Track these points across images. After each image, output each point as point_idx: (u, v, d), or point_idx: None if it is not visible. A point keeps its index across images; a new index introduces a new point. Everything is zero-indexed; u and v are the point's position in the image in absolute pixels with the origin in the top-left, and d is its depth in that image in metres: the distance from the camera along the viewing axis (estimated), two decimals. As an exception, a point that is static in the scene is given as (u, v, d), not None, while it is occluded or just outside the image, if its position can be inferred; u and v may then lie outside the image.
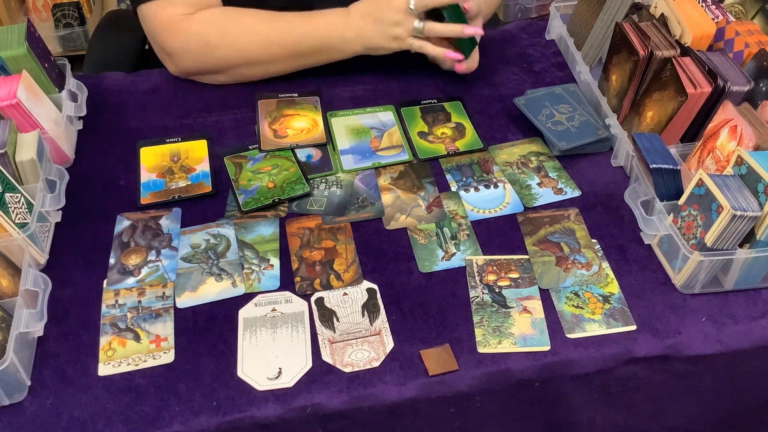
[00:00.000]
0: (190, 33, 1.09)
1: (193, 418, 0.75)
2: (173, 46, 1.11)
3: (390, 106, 1.14)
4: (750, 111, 0.90)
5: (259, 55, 1.11)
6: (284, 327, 0.83)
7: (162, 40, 1.11)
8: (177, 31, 1.10)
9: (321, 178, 1.02)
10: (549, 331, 0.83)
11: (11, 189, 0.86)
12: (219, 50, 1.10)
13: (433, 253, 0.92)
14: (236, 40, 1.10)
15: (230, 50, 1.11)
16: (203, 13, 1.10)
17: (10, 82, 0.95)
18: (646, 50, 0.98)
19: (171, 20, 1.09)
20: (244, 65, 1.13)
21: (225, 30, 1.09)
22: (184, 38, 1.10)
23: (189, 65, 1.14)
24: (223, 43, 1.10)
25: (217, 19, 1.10)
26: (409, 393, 0.78)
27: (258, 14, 1.11)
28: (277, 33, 1.10)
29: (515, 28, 1.32)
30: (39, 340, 0.82)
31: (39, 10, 2.47)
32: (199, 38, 1.09)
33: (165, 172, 1.02)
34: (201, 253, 0.91)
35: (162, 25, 1.10)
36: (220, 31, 1.09)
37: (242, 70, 1.14)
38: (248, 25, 1.10)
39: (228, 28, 1.10)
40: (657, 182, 0.90)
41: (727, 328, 0.84)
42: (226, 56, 1.11)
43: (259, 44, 1.10)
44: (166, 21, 1.09)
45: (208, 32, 1.09)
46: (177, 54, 1.12)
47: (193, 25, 1.09)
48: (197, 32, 1.09)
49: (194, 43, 1.10)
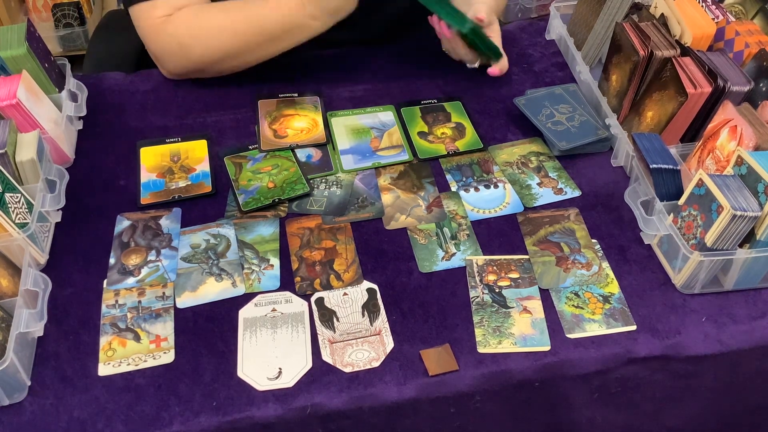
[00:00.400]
0: (166, 35, 1.09)
1: (193, 418, 0.75)
2: (155, 49, 1.12)
3: (390, 106, 1.14)
4: (750, 111, 0.90)
5: (232, 47, 1.10)
6: (284, 327, 0.83)
7: (147, 44, 1.12)
8: (156, 34, 1.10)
9: (321, 178, 1.02)
10: (549, 331, 0.83)
11: (11, 189, 0.86)
12: (193, 49, 1.10)
13: (433, 253, 0.92)
14: (206, 36, 1.09)
15: (203, 48, 1.10)
16: (176, 14, 1.09)
17: (10, 82, 0.95)
18: (646, 50, 0.98)
19: (152, 23, 1.09)
20: (221, 60, 1.12)
21: (195, 28, 1.09)
22: (161, 41, 1.10)
23: (172, 67, 1.14)
24: (196, 41, 1.09)
25: (187, 18, 1.09)
26: (409, 393, 0.78)
27: (224, 6, 1.10)
28: (243, 23, 1.08)
29: (515, 28, 1.32)
30: (39, 340, 0.82)
31: (39, 10, 2.47)
32: (173, 39, 1.09)
33: (165, 172, 1.02)
34: (201, 253, 0.91)
35: (146, 28, 1.10)
36: (191, 30, 1.09)
37: (222, 65, 1.13)
38: (215, 20, 1.09)
39: (198, 26, 1.09)
40: (657, 182, 0.90)
41: (727, 328, 0.84)
42: (201, 54, 1.11)
43: (229, 37, 1.09)
44: (149, 24, 1.10)
45: (180, 33, 1.09)
46: (159, 57, 1.13)
47: (168, 27, 1.09)
48: (171, 33, 1.09)
49: (169, 46, 1.10)
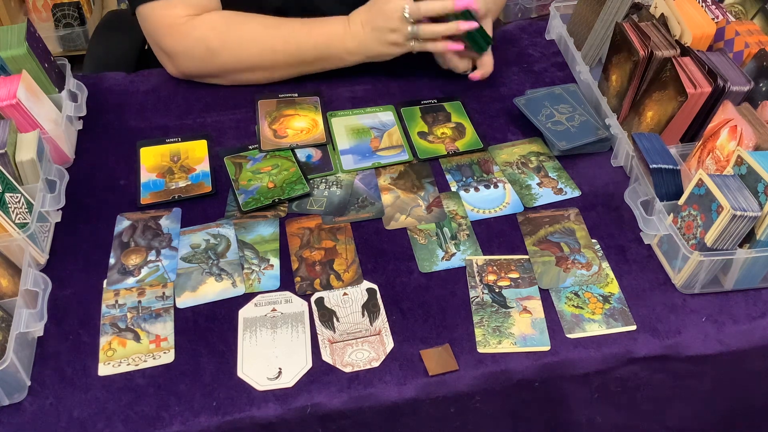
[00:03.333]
0: (192, 36, 1.09)
1: (193, 418, 0.75)
2: (175, 48, 1.11)
3: (390, 106, 1.14)
4: (750, 111, 0.90)
5: (261, 62, 1.11)
6: (284, 327, 0.83)
7: (163, 42, 1.11)
8: (179, 33, 1.09)
9: (321, 178, 1.02)
10: (549, 331, 0.83)
11: (11, 189, 0.86)
12: (220, 56, 1.10)
13: (433, 253, 0.92)
14: (238, 46, 1.09)
15: (231, 56, 1.10)
16: (206, 17, 1.09)
17: (10, 82, 0.95)
18: (646, 50, 0.98)
19: (173, 22, 1.08)
20: (245, 71, 1.13)
21: (227, 36, 1.09)
22: (186, 41, 1.09)
23: (189, 68, 1.14)
24: (225, 48, 1.09)
25: (220, 24, 1.09)
26: (409, 393, 0.78)
27: (261, 20, 1.10)
28: (280, 41, 1.09)
29: (515, 28, 1.32)
30: (39, 340, 0.82)
31: (39, 10, 2.47)
32: (201, 42, 1.09)
33: (165, 172, 1.02)
34: (201, 253, 0.91)
35: (163, 26, 1.09)
36: (222, 37, 1.09)
37: (242, 75, 1.14)
38: (251, 32, 1.09)
39: (230, 33, 1.09)
40: (657, 182, 0.90)
41: (727, 328, 0.84)
42: (226, 62, 1.11)
43: (260, 52, 1.10)
44: (168, 22, 1.09)
45: (210, 37, 1.09)
46: (178, 56, 1.12)
47: (196, 29, 1.09)
48: (199, 36, 1.09)
49: (196, 47, 1.10)
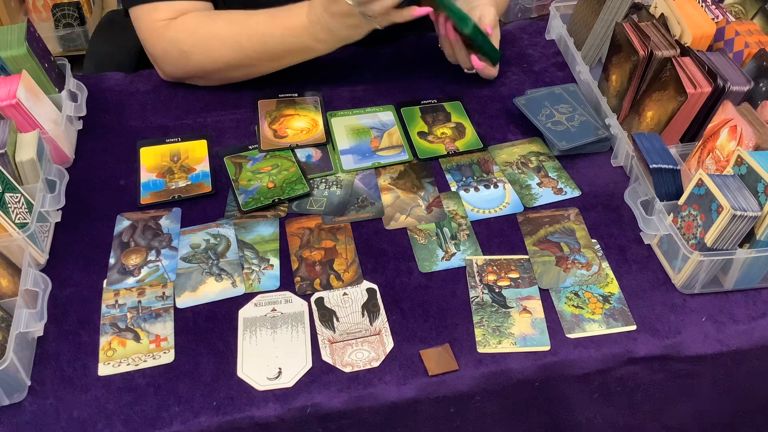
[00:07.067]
0: (167, 39, 1.09)
1: (193, 418, 0.75)
2: (154, 52, 1.12)
3: (390, 106, 1.14)
4: (750, 111, 0.90)
5: (233, 60, 1.09)
6: (284, 327, 0.83)
7: (146, 46, 1.12)
8: (157, 37, 1.09)
9: (321, 178, 1.02)
10: (549, 331, 0.83)
11: (11, 189, 0.86)
12: (193, 56, 1.09)
13: (433, 253, 0.92)
14: (208, 46, 1.08)
15: (204, 57, 1.09)
16: (180, 19, 1.09)
17: (10, 82, 0.95)
18: (646, 50, 0.98)
19: (153, 26, 1.09)
20: (222, 70, 1.11)
21: (197, 36, 1.08)
22: (161, 44, 1.10)
23: (171, 71, 1.14)
24: (196, 49, 1.08)
25: (191, 25, 1.08)
26: (409, 393, 0.78)
27: (228, 17, 1.08)
28: (247, 37, 1.07)
29: (515, 28, 1.32)
30: (39, 340, 0.82)
31: (39, 10, 2.47)
32: (174, 45, 1.09)
33: (165, 172, 1.02)
34: (201, 253, 0.91)
35: (146, 30, 1.10)
36: (193, 38, 1.08)
37: (222, 74, 1.12)
38: (218, 31, 1.08)
39: (200, 34, 1.08)
40: (657, 182, 0.90)
41: (727, 328, 0.84)
42: (200, 62, 1.10)
43: (230, 49, 1.08)
44: (149, 26, 1.09)
45: (182, 39, 1.08)
46: (158, 60, 1.13)
47: (169, 32, 1.08)
48: (172, 39, 1.09)
49: (170, 50, 1.10)
